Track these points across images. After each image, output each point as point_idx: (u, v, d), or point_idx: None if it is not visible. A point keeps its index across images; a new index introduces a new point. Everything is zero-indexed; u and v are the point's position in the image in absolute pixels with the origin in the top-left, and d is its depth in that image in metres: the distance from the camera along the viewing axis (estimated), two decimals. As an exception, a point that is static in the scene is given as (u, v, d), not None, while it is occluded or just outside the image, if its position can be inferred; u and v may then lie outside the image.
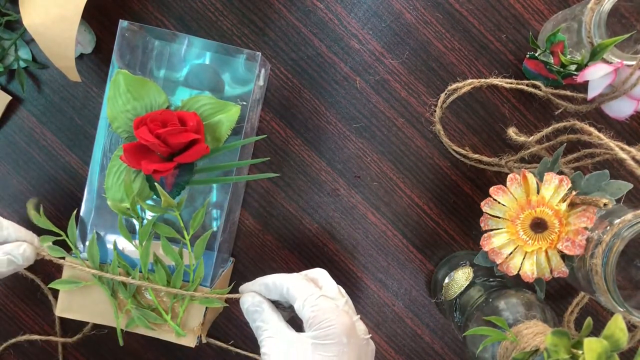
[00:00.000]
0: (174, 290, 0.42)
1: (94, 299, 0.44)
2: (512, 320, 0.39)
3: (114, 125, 0.42)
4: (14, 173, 0.51)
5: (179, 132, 0.39)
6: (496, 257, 0.40)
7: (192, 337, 0.44)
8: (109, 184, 0.42)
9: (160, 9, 0.49)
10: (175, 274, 0.43)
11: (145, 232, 0.42)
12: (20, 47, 0.49)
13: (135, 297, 0.44)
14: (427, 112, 0.50)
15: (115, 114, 0.42)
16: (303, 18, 0.49)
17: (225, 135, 0.42)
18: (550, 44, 0.44)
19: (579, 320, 0.50)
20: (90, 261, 0.43)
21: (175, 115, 0.40)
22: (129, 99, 0.41)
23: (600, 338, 0.31)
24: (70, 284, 0.43)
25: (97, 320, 0.44)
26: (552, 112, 0.50)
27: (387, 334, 0.53)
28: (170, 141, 0.39)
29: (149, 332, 0.44)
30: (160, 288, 0.42)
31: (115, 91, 0.41)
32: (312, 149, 0.51)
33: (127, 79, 0.41)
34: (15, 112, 0.50)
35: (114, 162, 0.42)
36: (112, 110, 0.42)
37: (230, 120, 0.42)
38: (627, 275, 0.41)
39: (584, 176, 0.39)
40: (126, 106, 0.41)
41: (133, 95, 0.41)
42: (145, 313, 0.43)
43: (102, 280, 0.43)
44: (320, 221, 0.51)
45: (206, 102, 0.42)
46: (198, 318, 0.44)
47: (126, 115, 0.42)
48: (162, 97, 0.42)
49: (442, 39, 0.50)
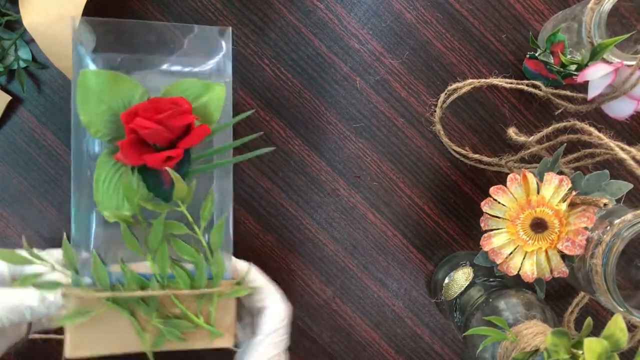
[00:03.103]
0: (201, 290, 0.39)
1: (108, 326, 0.39)
2: (512, 320, 0.39)
3: (92, 131, 0.38)
4: (14, 173, 0.51)
5: (179, 114, 0.37)
6: (496, 257, 0.40)
7: (229, 335, 0.40)
8: (100, 196, 0.38)
9: (160, 9, 0.49)
10: (198, 273, 0.39)
11: (157, 235, 0.38)
12: (20, 47, 0.49)
13: (158, 310, 0.40)
14: (427, 112, 0.50)
15: (90, 118, 0.37)
16: (303, 18, 0.49)
17: (216, 116, 0.40)
18: (551, 44, 0.44)
19: (579, 320, 0.50)
20: (99, 284, 0.38)
21: (168, 101, 0.37)
22: (102, 100, 0.37)
23: (600, 338, 0.31)
24: (81, 315, 0.37)
25: (118, 350, 0.39)
26: (552, 112, 0.50)
27: (387, 334, 0.53)
28: (173, 124, 0.37)
29: (181, 344, 0.40)
30: (186, 292, 0.38)
31: (84, 94, 0.37)
32: (312, 149, 0.51)
33: (94, 77, 0.37)
34: (15, 112, 0.50)
35: (99, 169, 0.38)
36: (86, 114, 0.37)
37: (218, 100, 0.40)
38: (627, 275, 0.41)
39: (584, 176, 0.39)
40: (100, 107, 0.37)
41: (106, 94, 0.37)
42: (175, 324, 0.39)
43: (118, 302, 0.38)
44: (320, 221, 0.51)
45: (189, 86, 0.39)
46: (230, 314, 0.40)
47: (102, 117, 0.38)
48: (138, 90, 0.38)
49: (442, 39, 0.50)
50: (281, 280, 0.51)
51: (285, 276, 0.52)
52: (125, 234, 0.38)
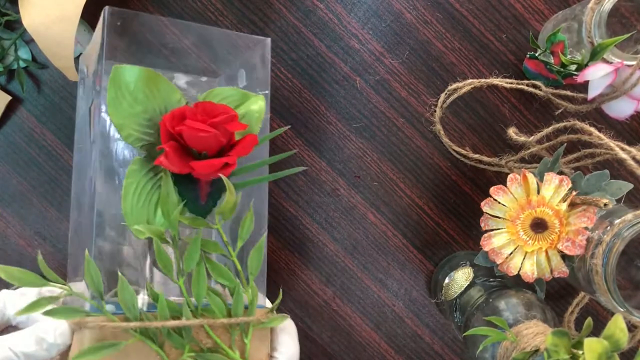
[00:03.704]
0: (240, 319, 0.33)
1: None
2: (512, 321, 0.39)
3: (124, 134, 0.33)
4: (13, 173, 0.51)
5: (231, 120, 0.33)
6: (496, 257, 0.40)
7: None
8: (128, 207, 0.33)
9: (160, 9, 0.49)
10: (235, 299, 0.34)
11: (194, 254, 0.33)
12: (20, 47, 0.49)
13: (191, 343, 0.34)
14: (427, 112, 0.50)
15: (122, 120, 0.33)
16: (303, 18, 0.49)
17: (257, 128, 0.37)
18: (551, 44, 0.44)
19: (579, 320, 0.50)
20: (127, 311, 0.31)
21: (217, 106, 0.34)
22: (136, 100, 0.33)
23: (601, 338, 0.31)
24: (104, 350, 0.31)
25: None
26: (553, 112, 0.50)
27: (387, 334, 0.52)
28: (230, 129, 0.33)
29: None
30: (224, 322, 0.33)
31: (117, 91, 0.33)
32: (312, 149, 0.51)
33: (130, 74, 0.33)
34: (15, 112, 0.50)
35: (130, 178, 0.33)
36: (118, 116, 0.33)
37: (259, 111, 0.37)
38: (627, 275, 0.41)
39: (584, 176, 0.39)
40: (134, 109, 0.33)
41: (142, 93, 0.34)
42: (210, 357, 0.34)
43: (148, 334, 0.32)
44: (320, 221, 0.51)
45: (229, 94, 0.36)
46: (265, 346, 0.36)
47: (136, 119, 0.34)
48: (176, 94, 0.35)
49: (442, 38, 0.50)
50: (281, 280, 0.51)
51: (285, 276, 0.52)
52: (159, 252, 0.33)
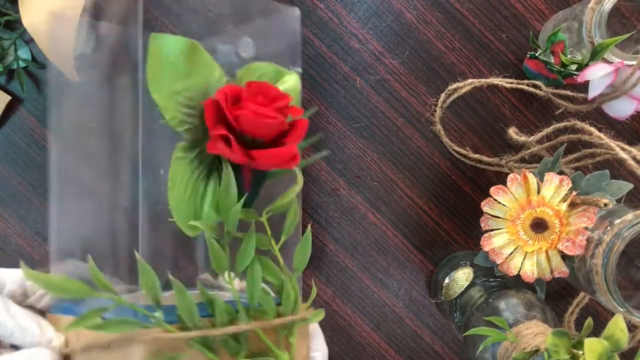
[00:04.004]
0: (290, 318, 0.31)
1: None
2: (512, 321, 0.39)
3: (168, 116, 0.28)
4: (13, 173, 0.51)
5: (290, 106, 0.30)
6: (496, 257, 0.40)
7: None
8: (176, 200, 0.29)
9: (160, 9, 0.49)
10: (285, 298, 0.31)
11: (249, 251, 0.30)
12: (20, 47, 0.49)
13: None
14: (427, 112, 0.50)
15: (164, 99, 0.28)
16: (303, 18, 0.49)
17: None
18: (551, 43, 0.44)
19: (579, 321, 0.50)
20: (187, 320, 0.27)
21: (272, 88, 0.30)
22: (178, 75, 0.28)
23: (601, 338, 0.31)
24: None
25: None
26: (553, 112, 0.50)
27: (387, 334, 0.52)
28: (293, 114, 0.30)
29: None
30: (278, 322, 0.30)
31: (157, 66, 0.28)
32: (311, 148, 0.51)
33: (171, 45, 0.28)
34: (15, 112, 0.50)
35: (175, 167, 0.29)
36: (160, 94, 0.28)
37: (295, 91, 0.33)
38: (628, 275, 0.41)
39: (585, 176, 0.39)
40: (175, 86, 0.28)
41: (183, 68, 0.29)
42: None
43: (207, 342, 0.28)
44: (320, 221, 0.51)
45: (265, 71, 0.32)
46: (306, 343, 0.33)
47: (176, 99, 0.28)
48: (216, 70, 0.30)
49: (442, 38, 0.50)
50: (281, 280, 0.51)
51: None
52: (213, 249, 0.29)
